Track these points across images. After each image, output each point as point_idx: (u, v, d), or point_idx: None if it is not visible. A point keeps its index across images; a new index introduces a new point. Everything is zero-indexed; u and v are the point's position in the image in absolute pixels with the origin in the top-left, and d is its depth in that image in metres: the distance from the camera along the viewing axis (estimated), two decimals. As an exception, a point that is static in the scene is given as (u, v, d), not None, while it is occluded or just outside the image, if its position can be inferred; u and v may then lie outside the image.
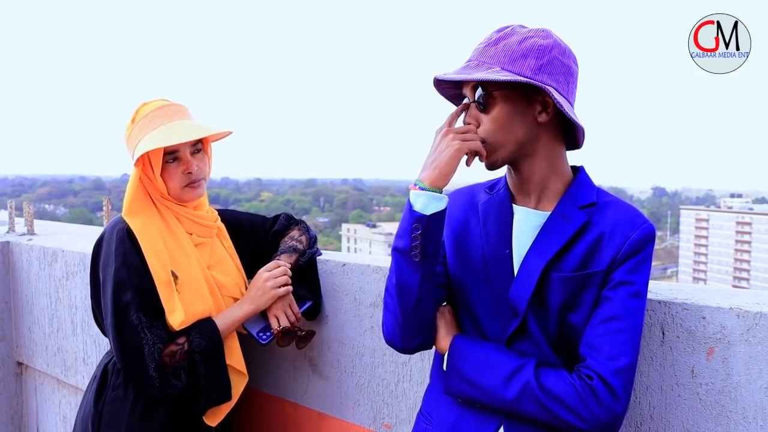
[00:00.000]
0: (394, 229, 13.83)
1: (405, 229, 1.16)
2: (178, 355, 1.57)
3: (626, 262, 1.12)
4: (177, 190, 1.67)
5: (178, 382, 1.57)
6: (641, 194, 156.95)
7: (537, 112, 1.17)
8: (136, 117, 1.65)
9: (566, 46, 1.19)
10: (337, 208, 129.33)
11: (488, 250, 1.23)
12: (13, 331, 2.99)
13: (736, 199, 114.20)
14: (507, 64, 1.15)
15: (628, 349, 1.09)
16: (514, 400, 1.12)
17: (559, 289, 1.15)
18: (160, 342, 1.55)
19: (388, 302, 1.25)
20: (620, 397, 1.07)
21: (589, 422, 1.07)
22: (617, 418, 1.08)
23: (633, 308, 1.11)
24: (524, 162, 1.21)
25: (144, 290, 1.56)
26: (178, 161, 1.66)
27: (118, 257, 1.57)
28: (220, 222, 1.81)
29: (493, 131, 1.18)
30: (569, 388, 1.09)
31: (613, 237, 1.14)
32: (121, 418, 1.62)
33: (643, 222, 1.15)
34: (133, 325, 1.54)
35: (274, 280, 1.69)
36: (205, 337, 1.60)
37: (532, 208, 1.23)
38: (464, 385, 1.19)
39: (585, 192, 1.21)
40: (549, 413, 1.10)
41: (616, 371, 1.08)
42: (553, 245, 1.16)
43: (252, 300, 1.69)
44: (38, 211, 33.75)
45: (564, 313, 1.15)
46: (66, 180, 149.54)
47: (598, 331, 1.11)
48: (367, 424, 1.78)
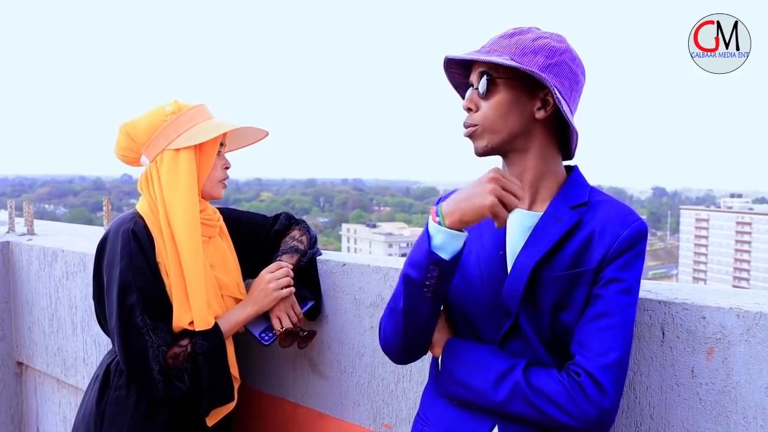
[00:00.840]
0: (394, 229, 13.88)
1: (420, 263, 1.11)
2: (182, 358, 1.57)
3: (616, 260, 1.12)
4: (214, 182, 1.71)
5: (181, 384, 1.57)
6: (641, 194, 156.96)
7: (536, 107, 1.18)
8: (180, 107, 1.67)
9: (578, 56, 1.20)
10: (337, 208, 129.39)
11: (482, 252, 1.23)
12: (13, 331, 2.99)
13: (736, 199, 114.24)
14: (517, 56, 1.16)
15: (618, 344, 1.09)
16: (504, 400, 1.12)
17: (550, 288, 1.15)
18: (165, 344, 1.55)
19: (390, 322, 1.23)
20: (608, 393, 1.06)
21: (579, 419, 1.07)
22: (607, 413, 1.07)
23: (623, 304, 1.11)
24: (517, 157, 1.22)
25: (149, 291, 1.56)
26: (219, 156, 1.72)
27: (124, 258, 1.56)
28: (222, 221, 1.81)
29: (489, 117, 1.19)
30: (558, 386, 1.09)
31: (603, 235, 1.14)
32: (124, 417, 1.62)
33: (635, 220, 1.15)
34: (137, 327, 1.54)
35: (277, 281, 1.69)
36: (209, 339, 1.60)
37: (526, 209, 1.23)
38: (457, 387, 1.20)
39: (577, 192, 1.21)
40: (539, 412, 1.09)
41: (605, 366, 1.07)
42: (543, 245, 1.17)
43: (255, 302, 1.69)
44: (38, 211, 33.75)
45: (556, 313, 1.16)
46: (66, 180, 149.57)
47: (588, 328, 1.11)
48: (367, 424, 1.78)
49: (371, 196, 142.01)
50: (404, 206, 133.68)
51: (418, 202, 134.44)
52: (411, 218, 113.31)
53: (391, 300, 1.23)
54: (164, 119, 1.64)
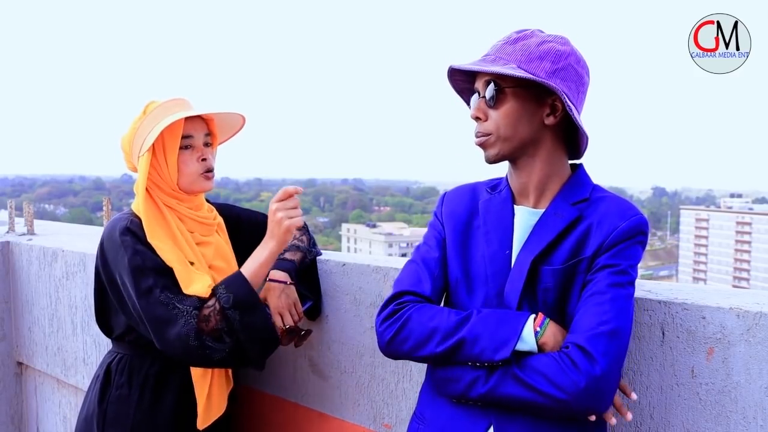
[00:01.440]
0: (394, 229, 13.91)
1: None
2: (212, 318, 1.49)
3: (611, 249, 1.13)
4: (191, 178, 1.64)
5: (220, 345, 1.49)
6: (641, 194, 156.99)
7: (545, 114, 1.19)
8: (147, 109, 1.63)
9: (582, 56, 1.21)
10: (337, 208, 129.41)
11: (488, 250, 1.24)
12: (13, 331, 2.99)
13: (736, 199, 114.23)
14: (523, 63, 1.16)
15: (609, 318, 1.08)
16: (495, 384, 1.12)
17: (549, 281, 1.16)
18: (195, 309, 1.49)
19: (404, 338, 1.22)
20: (598, 360, 1.05)
21: (568, 391, 1.05)
22: (597, 381, 1.05)
23: (614, 282, 1.11)
24: (525, 162, 1.23)
25: (161, 271, 1.53)
26: (192, 149, 1.64)
27: (128, 249, 1.54)
28: (219, 217, 1.80)
29: (499, 126, 1.19)
30: (547, 359, 1.09)
31: (601, 227, 1.15)
32: (126, 416, 1.61)
33: (634, 214, 1.16)
34: (162, 303, 1.49)
35: (285, 211, 1.55)
36: (232, 288, 1.52)
37: (531, 207, 1.25)
38: (448, 381, 1.20)
39: (580, 189, 1.22)
40: (529, 389, 1.09)
41: (592, 336, 1.07)
42: (542, 240, 1.18)
43: (272, 235, 1.57)
44: (38, 211, 33.76)
45: (558, 306, 1.17)
46: (66, 180, 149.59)
47: (580, 309, 1.12)
48: (367, 424, 1.78)
49: (371, 196, 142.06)
50: (404, 206, 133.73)
51: (418, 202, 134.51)
52: (411, 218, 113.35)
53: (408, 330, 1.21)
54: (135, 126, 1.64)
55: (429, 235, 1.35)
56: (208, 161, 1.66)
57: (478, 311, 1.18)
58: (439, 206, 1.37)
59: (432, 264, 1.29)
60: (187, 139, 1.63)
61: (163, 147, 1.61)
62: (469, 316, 1.17)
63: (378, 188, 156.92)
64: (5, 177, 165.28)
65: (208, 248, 1.71)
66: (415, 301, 1.25)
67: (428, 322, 1.20)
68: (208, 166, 1.66)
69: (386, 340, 1.24)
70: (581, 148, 1.24)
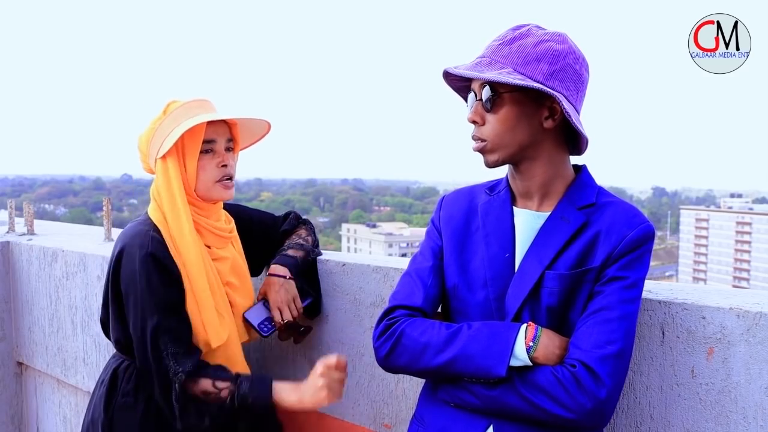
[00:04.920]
0: (394, 229, 13.92)
1: None
2: (212, 398, 1.49)
3: (620, 260, 1.12)
4: (208, 185, 1.57)
5: (197, 422, 1.48)
6: (641, 194, 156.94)
7: (544, 117, 1.17)
8: (168, 109, 1.57)
9: (580, 53, 1.18)
10: (337, 208, 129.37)
11: (488, 253, 1.22)
12: (13, 331, 2.99)
13: (736, 199, 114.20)
14: (520, 65, 1.13)
15: (617, 337, 1.08)
16: (497, 395, 1.12)
17: (554, 287, 1.15)
18: (183, 371, 1.48)
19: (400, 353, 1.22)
20: (605, 383, 1.05)
21: (574, 410, 1.06)
22: (603, 404, 1.05)
23: (623, 299, 1.10)
24: (526, 164, 1.21)
25: (172, 310, 1.50)
26: (213, 154, 1.57)
27: (142, 278, 1.50)
28: (234, 228, 1.74)
29: (498, 131, 1.17)
30: (550, 378, 1.08)
31: (609, 235, 1.14)
32: (134, 425, 1.58)
33: (642, 222, 1.15)
34: (159, 350, 1.48)
35: (332, 382, 1.51)
36: (256, 393, 1.51)
37: (534, 210, 1.23)
38: (448, 390, 1.20)
39: (585, 192, 1.21)
40: (532, 405, 1.09)
41: (601, 358, 1.06)
42: (551, 247, 1.16)
43: (302, 392, 1.53)
44: (38, 211, 33.77)
45: (560, 312, 1.15)
46: (66, 180, 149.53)
47: (586, 322, 1.11)
48: (367, 424, 1.78)
49: (371, 196, 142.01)
50: (404, 206, 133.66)
51: (418, 202, 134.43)
52: (411, 218, 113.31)
53: (407, 344, 1.21)
54: (154, 126, 1.57)
55: (424, 243, 1.34)
56: (229, 168, 1.60)
57: (468, 325, 1.17)
58: (437, 211, 1.35)
59: (424, 273, 1.29)
60: (209, 143, 1.56)
61: (183, 150, 1.55)
62: (459, 330, 1.17)
63: (378, 188, 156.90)
64: (5, 177, 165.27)
65: (224, 264, 1.66)
66: (407, 315, 1.24)
67: (419, 337, 1.19)
68: (228, 173, 1.60)
69: (382, 356, 1.24)
70: (581, 146, 1.23)
